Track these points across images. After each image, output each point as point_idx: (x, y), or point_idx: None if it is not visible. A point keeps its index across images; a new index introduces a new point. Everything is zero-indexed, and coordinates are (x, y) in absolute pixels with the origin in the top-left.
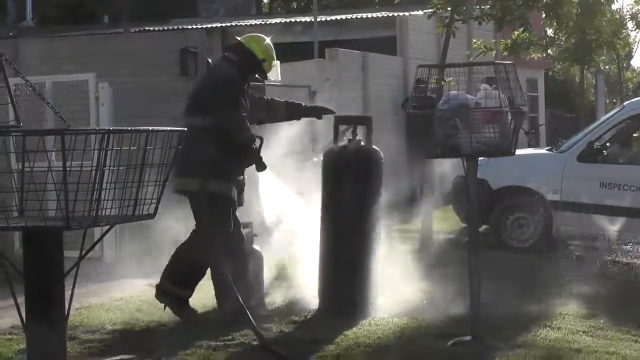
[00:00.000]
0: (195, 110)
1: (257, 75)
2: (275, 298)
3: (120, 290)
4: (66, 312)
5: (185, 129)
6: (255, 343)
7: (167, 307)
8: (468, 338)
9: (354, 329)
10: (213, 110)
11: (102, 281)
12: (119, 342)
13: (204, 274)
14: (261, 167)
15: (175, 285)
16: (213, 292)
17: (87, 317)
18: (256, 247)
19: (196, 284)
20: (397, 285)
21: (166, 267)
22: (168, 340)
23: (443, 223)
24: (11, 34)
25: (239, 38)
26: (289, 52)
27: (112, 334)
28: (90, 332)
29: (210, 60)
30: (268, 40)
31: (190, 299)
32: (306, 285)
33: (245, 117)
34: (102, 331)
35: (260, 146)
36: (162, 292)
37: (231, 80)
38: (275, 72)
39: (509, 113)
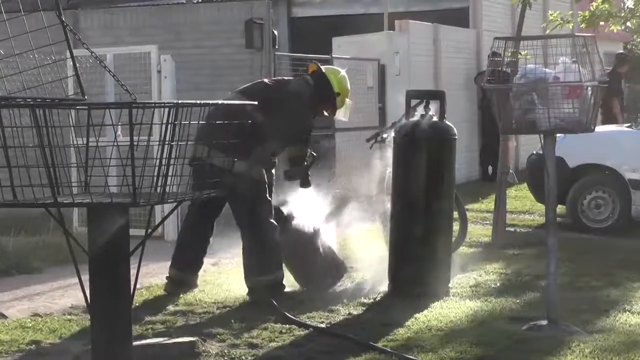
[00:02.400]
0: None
1: (325, 112)
2: (344, 279)
3: None
4: (132, 292)
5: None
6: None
7: (269, 307)
8: (544, 322)
9: (425, 311)
10: (282, 117)
11: (163, 260)
12: (182, 323)
13: (279, 245)
14: (306, 184)
15: (261, 274)
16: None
17: (148, 297)
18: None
19: (280, 262)
20: (470, 267)
21: (243, 264)
22: (231, 322)
23: (517, 202)
24: (70, 2)
25: (318, 64)
26: (358, 24)
27: (174, 315)
28: (152, 313)
29: (276, 33)
30: (344, 73)
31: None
32: (376, 265)
33: (307, 146)
34: (164, 312)
35: (311, 164)
36: (252, 292)
37: (305, 97)
38: (345, 112)
39: (589, 88)
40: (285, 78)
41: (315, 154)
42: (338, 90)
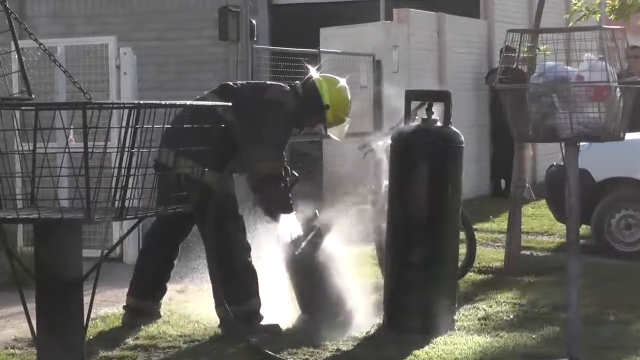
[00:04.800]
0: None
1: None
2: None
3: None
4: (85, 323)
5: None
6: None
7: (243, 341)
8: None
9: (426, 348)
10: (252, 128)
11: (122, 286)
12: (143, 359)
13: (253, 269)
14: (287, 208)
15: (232, 303)
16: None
17: (104, 329)
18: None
19: (256, 289)
20: (479, 296)
21: (213, 293)
22: (200, 359)
23: (534, 222)
24: None
25: (312, 72)
26: (349, 13)
27: (134, 349)
28: (108, 348)
29: (254, 22)
30: (343, 84)
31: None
32: (369, 294)
33: (282, 163)
34: (123, 346)
35: (292, 185)
36: (224, 323)
37: (287, 107)
38: (340, 132)
39: (617, 89)
40: (267, 83)
41: (297, 175)
42: (328, 103)
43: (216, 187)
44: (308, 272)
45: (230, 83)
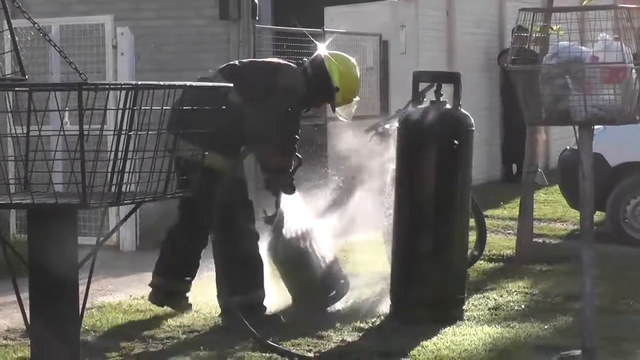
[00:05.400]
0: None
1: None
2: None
3: (141, 286)
4: (80, 313)
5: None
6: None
7: (245, 332)
8: (577, 352)
9: (434, 339)
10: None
11: (119, 275)
12: (140, 350)
13: (260, 259)
14: (289, 190)
15: (236, 293)
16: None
17: (100, 319)
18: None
19: (262, 280)
20: (489, 285)
21: (216, 281)
22: (200, 350)
23: (547, 208)
24: None
25: (322, 50)
26: None
27: (131, 341)
28: (104, 338)
29: (256, 1)
30: (352, 62)
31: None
32: (375, 283)
33: (292, 158)
34: (119, 337)
35: (296, 168)
36: (225, 313)
37: (298, 93)
38: (348, 112)
39: (633, 70)
40: (276, 62)
41: (300, 157)
42: (338, 85)
43: (224, 171)
44: (285, 258)
45: (237, 62)
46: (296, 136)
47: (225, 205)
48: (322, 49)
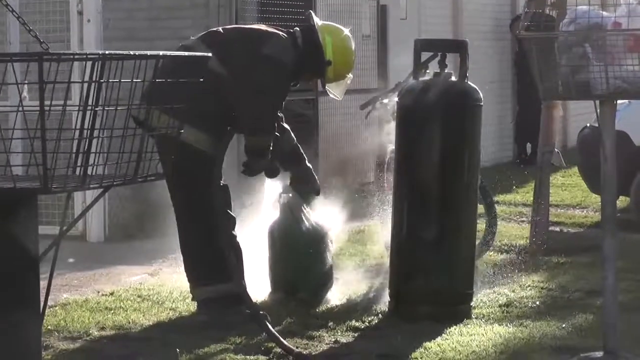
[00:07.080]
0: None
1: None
2: (329, 294)
3: (110, 281)
4: (41, 310)
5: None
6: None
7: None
8: (599, 354)
9: (439, 339)
10: (245, 89)
11: (85, 269)
12: (110, 352)
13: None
14: (273, 172)
15: (210, 282)
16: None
17: (64, 318)
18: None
19: (241, 268)
20: (500, 279)
21: (188, 273)
22: (177, 350)
23: (565, 193)
24: None
25: (315, 20)
26: None
27: (100, 341)
28: (69, 340)
29: None
30: (347, 35)
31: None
32: (372, 277)
33: (271, 138)
34: (86, 338)
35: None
36: (202, 307)
37: (286, 67)
38: (340, 89)
39: None
40: (264, 29)
41: (285, 126)
42: (330, 58)
43: (201, 148)
44: (294, 241)
45: (220, 29)
46: (279, 113)
47: (201, 186)
48: (315, 19)
